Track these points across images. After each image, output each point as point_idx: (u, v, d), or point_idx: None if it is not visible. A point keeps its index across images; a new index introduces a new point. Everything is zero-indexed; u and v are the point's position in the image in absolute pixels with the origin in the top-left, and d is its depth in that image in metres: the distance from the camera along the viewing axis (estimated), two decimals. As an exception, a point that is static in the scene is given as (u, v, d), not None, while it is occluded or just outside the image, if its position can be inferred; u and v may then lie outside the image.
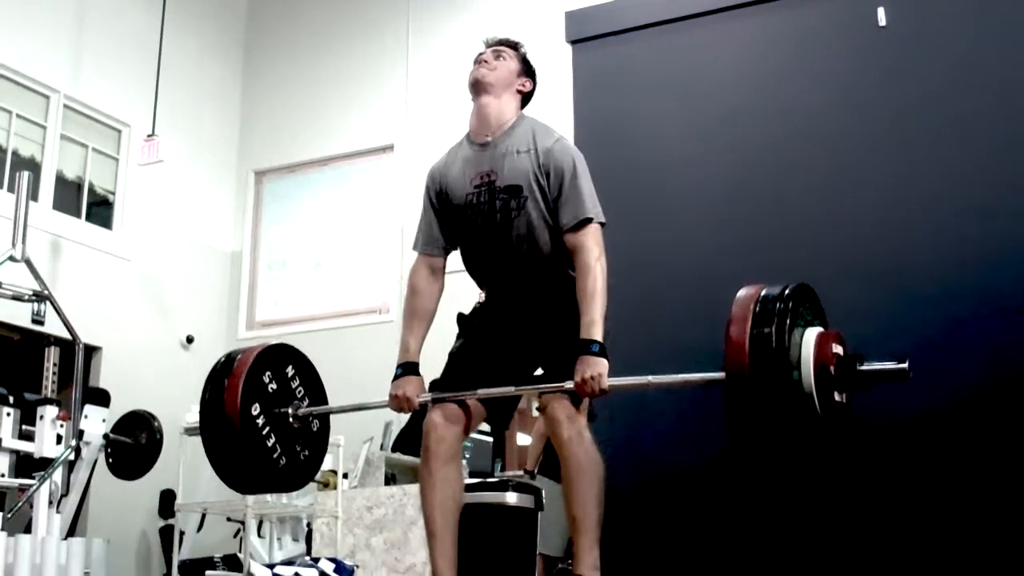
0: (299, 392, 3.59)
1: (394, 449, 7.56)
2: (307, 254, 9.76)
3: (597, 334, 3.16)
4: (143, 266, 9.07)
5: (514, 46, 3.60)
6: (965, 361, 3.97)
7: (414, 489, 6.53)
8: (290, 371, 3.57)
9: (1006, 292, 3.99)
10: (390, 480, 7.64)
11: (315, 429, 3.66)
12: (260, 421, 3.41)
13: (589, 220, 3.30)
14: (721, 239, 4.50)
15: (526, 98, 3.58)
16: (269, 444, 3.45)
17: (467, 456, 6.00)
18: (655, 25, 4.84)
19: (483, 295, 3.66)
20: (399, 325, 3.55)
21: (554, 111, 5.71)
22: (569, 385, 3.15)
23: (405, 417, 7.69)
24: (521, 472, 6.09)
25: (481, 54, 3.56)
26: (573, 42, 5.02)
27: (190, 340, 9.35)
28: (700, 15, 4.79)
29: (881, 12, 4.40)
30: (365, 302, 9.30)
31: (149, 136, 8.73)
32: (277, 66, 10.27)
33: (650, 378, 3.15)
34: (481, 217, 3.41)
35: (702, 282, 4.49)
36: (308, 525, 6.81)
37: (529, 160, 3.35)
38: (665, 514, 4.24)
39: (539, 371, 3.48)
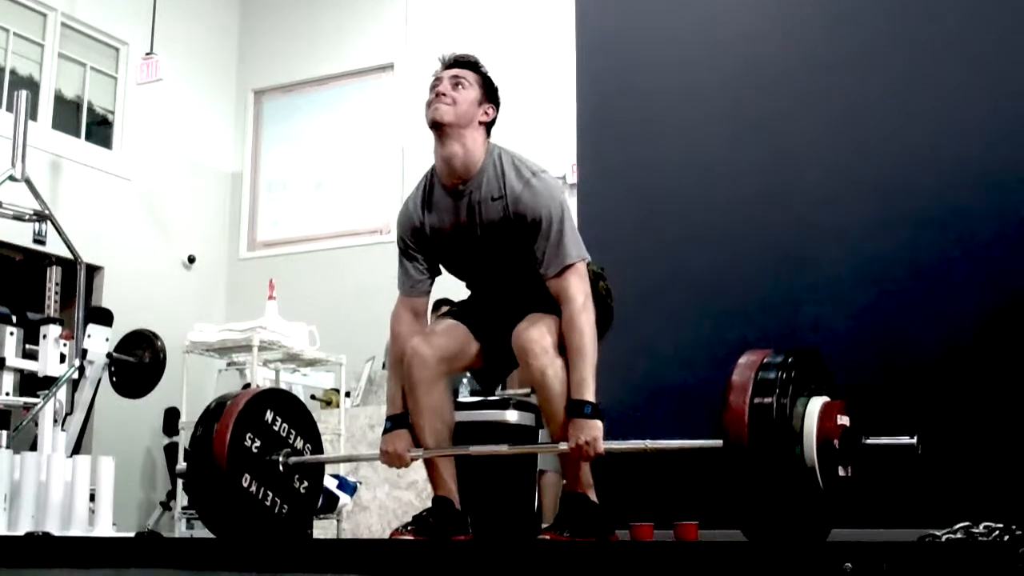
0: (283, 431, 3.48)
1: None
2: (308, 174, 9.74)
3: (588, 394, 3.08)
4: (144, 186, 9.05)
5: (474, 66, 3.36)
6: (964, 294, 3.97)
7: (416, 407, 6.59)
8: (270, 416, 3.45)
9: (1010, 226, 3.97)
10: (392, 399, 7.69)
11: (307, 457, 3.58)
12: (253, 488, 3.34)
13: (570, 266, 3.18)
14: (729, 158, 4.47)
15: (491, 125, 3.35)
16: (268, 503, 3.39)
17: (467, 375, 6.03)
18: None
19: None
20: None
21: (558, 45, 5.66)
22: (564, 448, 3.11)
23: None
24: (522, 391, 6.12)
25: (438, 82, 3.30)
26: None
27: (192, 260, 9.37)
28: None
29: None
30: (366, 222, 9.30)
31: (147, 55, 8.67)
32: (276, -17, 10.16)
33: (648, 442, 3.08)
34: (469, 259, 3.37)
35: (707, 208, 4.49)
36: (311, 443, 6.87)
37: (502, 207, 3.21)
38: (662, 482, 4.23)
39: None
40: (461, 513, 3.33)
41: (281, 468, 3.42)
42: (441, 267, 3.48)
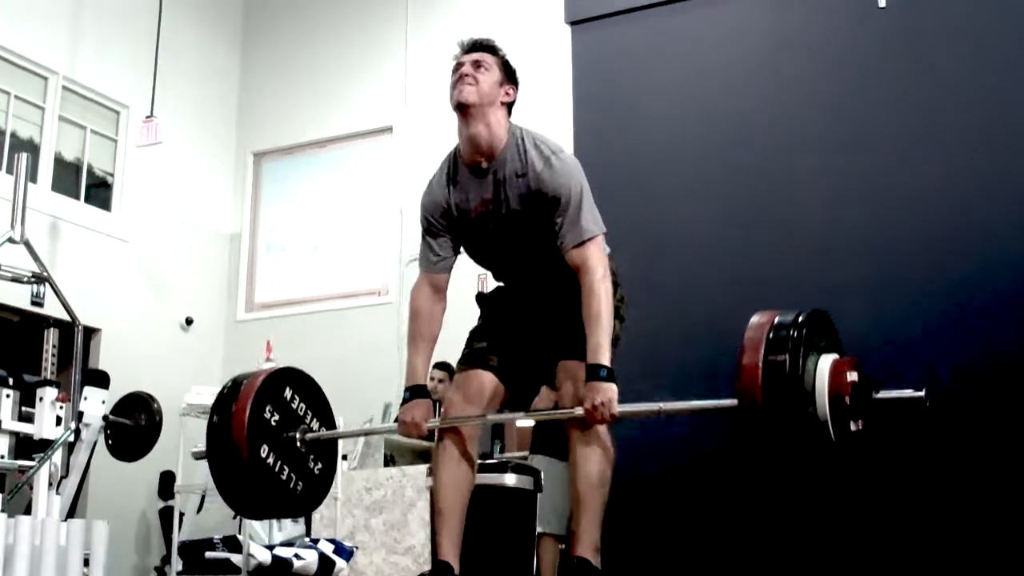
0: (301, 410, 3.53)
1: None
2: (306, 236, 9.75)
3: (604, 359, 3.13)
4: (142, 248, 9.06)
5: (492, 49, 3.44)
6: (965, 357, 3.97)
7: (413, 471, 6.55)
8: (288, 394, 3.51)
9: (1007, 285, 3.98)
10: (389, 462, 7.66)
11: (323, 440, 3.62)
12: (270, 461, 3.38)
13: (590, 239, 3.26)
14: (722, 220, 4.49)
15: (512, 105, 3.45)
16: (284, 477, 3.42)
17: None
18: (655, 6, 4.82)
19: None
20: (398, 307, 3.55)
21: (553, 93, 5.71)
22: (579, 412, 3.15)
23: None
24: (520, 454, 6.09)
25: (460, 66, 3.39)
26: (572, 23, 4.99)
27: (189, 322, 9.35)
28: (700, -5, 4.77)
29: (881, -7, 4.39)
30: (364, 284, 9.30)
31: (147, 117, 8.72)
32: (276, 47, 10.25)
33: (661, 405, 3.13)
34: (492, 238, 3.41)
35: (702, 264, 4.49)
36: (307, 506, 6.81)
37: (526, 184, 3.29)
38: (668, 506, 4.22)
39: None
40: (459, 578, 3.30)
41: (299, 444, 3.47)
42: (463, 252, 3.53)
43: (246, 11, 10.51)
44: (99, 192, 8.98)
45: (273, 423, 3.42)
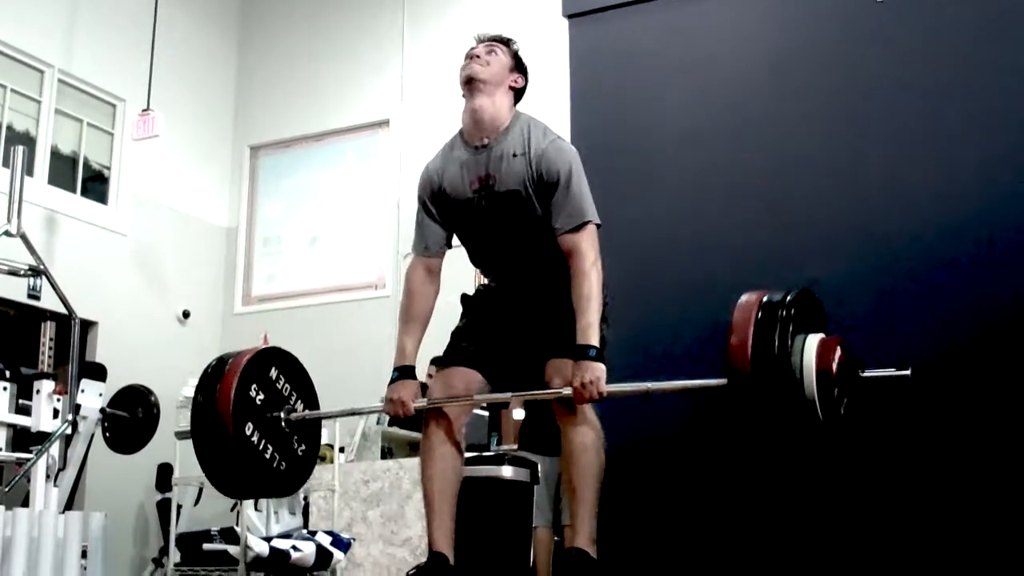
0: (286, 391, 3.55)
1: (390, 423, 7.58)
2: (303, 229, 9.76)
3: (593, 339, 3.16)
4: (139, 241, 9.06)
5: (506, 42, 3.57)
6: (960, 348, 3.98)
7: (410, 463, 6.56)
8: (274, 374, 3.53)
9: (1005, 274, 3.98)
10: (386, 454, 7.67)
11: (308, 422, 3.63)
12: (255, 439, 3.39)
13: (584, 224, 3.31)
14: (721, 215, 4.49)
15: (519, 94, 3.56)
16: (267, 456, 3.44)
17: (463, 431, 6.00)
18: (652, -1, 4.83)
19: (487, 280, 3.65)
20: (395, 300, 3.56)
21: (551, 87, 5.71)
22: (567, 392, 3.16)
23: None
24: (516, 446, 6.10)
25: (473, 49, 3.52)
26: (570, 16, 4.99)
27: (186, 315, 9.36)
28: (698, -11, 4.78)
29: (878, -12, 4.39)
30: (361, 277, 9.30)
31: (144, 111, 8.71)
32: (273, 41, 10.25)
33: (649, 384, 3.14)
34: (484, 221, 3.43)
35: (700, 258, 4.49)
36: (305, 499, 6.82)
37: (524, 164, 3.35)
38: (661, 496, 4.23)
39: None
40: (455, 569, 3.31)
41: (283, 425, 3.49)
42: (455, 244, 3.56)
43: (243, 4, 10.49)
44: (96, 185, 8.98)
45: (258, 402, 3.43)
